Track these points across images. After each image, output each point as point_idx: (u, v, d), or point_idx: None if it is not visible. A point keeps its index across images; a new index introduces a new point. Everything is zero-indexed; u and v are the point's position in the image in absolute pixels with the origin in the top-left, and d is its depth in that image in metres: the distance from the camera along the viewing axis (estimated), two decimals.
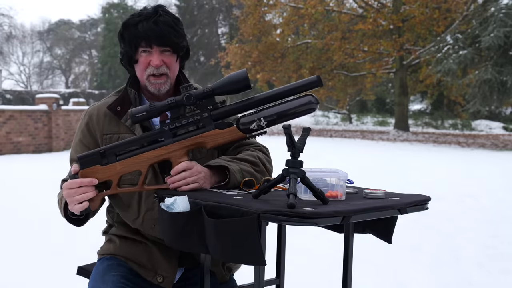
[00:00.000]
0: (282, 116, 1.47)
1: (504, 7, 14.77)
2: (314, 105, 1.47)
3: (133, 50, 1.70)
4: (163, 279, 1.75)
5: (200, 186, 1.56)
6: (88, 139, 1.77)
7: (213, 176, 1.61)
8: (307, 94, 1.49)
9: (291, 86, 1.49)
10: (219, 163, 1.62)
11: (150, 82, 1.72)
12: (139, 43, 1.68)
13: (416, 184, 8.02)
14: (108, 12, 37.61)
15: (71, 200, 1.55)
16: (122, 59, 1.76)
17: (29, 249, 4.39)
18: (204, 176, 1.58)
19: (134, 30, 1.68)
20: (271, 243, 1.93)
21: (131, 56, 1.72)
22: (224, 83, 1.50)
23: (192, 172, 1.55)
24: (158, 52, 1.69)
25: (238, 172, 1.61)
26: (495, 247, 4.60)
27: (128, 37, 1.69)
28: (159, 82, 1.71)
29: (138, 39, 1.67)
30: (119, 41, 1.74)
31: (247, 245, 1.29)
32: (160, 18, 1.68)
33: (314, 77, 1.47)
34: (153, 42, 1.68)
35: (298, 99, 1.47)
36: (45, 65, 47.22)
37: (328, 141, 17.92)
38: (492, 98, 15.75)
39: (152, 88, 1.72)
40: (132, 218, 1.76)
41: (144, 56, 1.69)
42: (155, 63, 1.68)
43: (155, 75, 1.70)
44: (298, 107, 1.46)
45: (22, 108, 13.42)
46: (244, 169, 1.64)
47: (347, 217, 1.30)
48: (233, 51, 23.04)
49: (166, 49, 1.70)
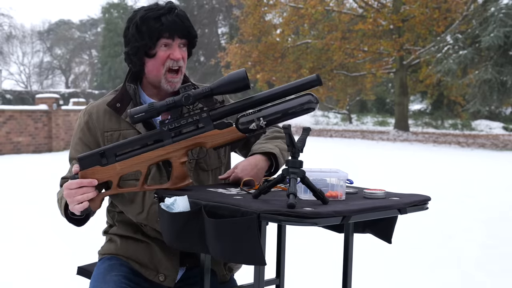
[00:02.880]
0: (281, 115, 1.47)
1: (504, 7, 14.77)
2: (314, 105, 1.47)
3: (153, 43, 1.69)
4: (165, 278, 1.75)
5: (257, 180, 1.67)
6: (89, 137, 1.76)
7: (263, 162, 1.71)
8: (306, 94, 1.48)
9: (291, 85, 1.49)
10: (263, 149, 1.71)
11: (167, 79, 1.72)
12: (162, 35, 1.68)
13: (416, 184, 8.02)
14: (108, 12, 37.61)
15: (71, 200, 1.55)
16: (135, 54, 1.71)
17: (29, 249, 4.39)
18: (256, 173, 1.68)
19: (156, 22, 1.67)
20: (271, 243, 1.93)
21: (147, 50, 1.70)
22: (223, 82, 1.50)
23: (243, 175, 1.66)
24: (177, 46, 1.71)
25: (280, 156, 1.73)
26: (495, 247, 4.60)
27: (149, 29, 1.68)
28: (176, 80, 1.72)
29: (162, 31, 1.67)
30: (132, 36, 1.70)
31: (247, 245, 1.29)
32: (180, 12, 1.71)
33: (313, 76, 1.47)
34: (176, 34, 1.69)
35: (298, 99, 1.47)
36: (45, 65, 47.21)
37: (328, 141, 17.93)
38: (492, 98, 15.75)
39: (168, 85, 1.72)
40: (135, 212, 1.75)
41: (164, 50, 1.70)
42: (177, 56, 1.70)
43: (172, 69, 1.71)
44: (298, 106, 1.46)
45: (22, 108, 13.42)
46: (280, 147, 1.75)
47: (347, 217, 1.30)
48: (233, 51, 23.04)
49: (183, 43, 1.73)
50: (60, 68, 47.58)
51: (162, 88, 1.73)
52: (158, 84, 1.73)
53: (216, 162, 1.80)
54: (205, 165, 1.78)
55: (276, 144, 1.76)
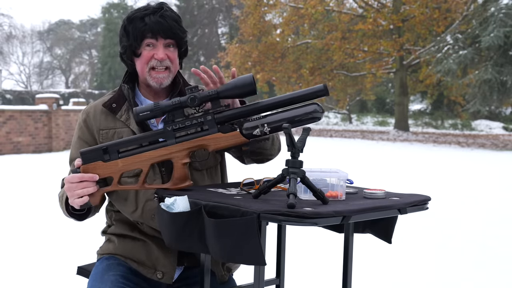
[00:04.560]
0: (286, 123, 1.47)
1: (504, 7, 14.78)
2: (319, 114, 1.47)
3: (138, 43, 1.72)
4: (163, 275, 1.75)
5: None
6: (87, 135, 1.80)
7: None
8: (312, 103, 1.49)
9: (297, 94, 1.50)
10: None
11: (151, 75, 1.73)
12: (145, 35, 1.70)
13: (416, 184, 8.03)
14: (108, 12, 37.65)
15: (71, 194, 1.56)
16: (124, 53, 1.77)
17: (29, 249, 4.39)
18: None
19: (140, 23, 1.70)
20: (271, 243, 1.93)
21: (134, 50, 1.74)
22: (229, 87, 1.51)
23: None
24: (162, 46, 1.72)
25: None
26: (495, 247, 4.60)
27: (134, 30, 1.71)
28: (161, 76, 1.73)
29: (145, 31, 1.70)
30: (122, 35, 1.76)
31: (247, 245, 1.29)
32: (166, 12, 1.72)
33: (320, 86, 1.47)
34: (159, 34, 1.70)
35: (303, 107, 1.47)
36: (45, 65, 47.24)
37: (328, 141, 17.93)
38: (492, 98, 15.76)
39: (154, 81, 1.74)
40: (130, 211, 1.76)
41: (148, 50, 1.72)
42: (160, 56, 1.71)
43: (156, 68, 1.72)
44: (303, 115, 1.46)
45: (22, 108, 13.42)
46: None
47: (347, 217, 1.30)
48: (233, 51, 23.05)
49: (170, 43, 1.73)
50: (60, 68, 47.60)
51: (151, 86, 1.76)
52: (147, 82, 1.76)
53: (210, 161, 1.80)
54: (199, 165, 1.78)
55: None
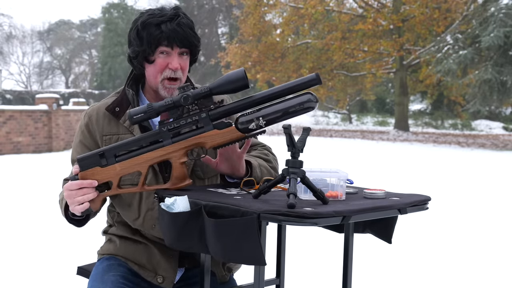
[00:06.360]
0: (281, 115, 1.46)
1: (504, 7, 14.78)
2: (314, 103, 1.45)
3: (152, 50, 1.68)
4: (163, 279, 1.75)
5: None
6: (89, 140, 1.77)
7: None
8: (306, 92, 1.47)
9: (290, 84, 1.48)
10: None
11: (165, 85, 1.71)
12: (161, 42, 1.67)
13: (416, 184, 8.03)
14: (108, 12, 37.60)
15: (72, 201, 1.55)
16: (135, 57, 1.72)
17: (29, 249, 4.39)
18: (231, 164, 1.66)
19: (156, 29, 1.66)
20: (271, 243, 1.93)
21: (146, 56, 1.70)
22: (222, 82, 1.49)
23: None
24: (177, 55, 1.69)
25: (258, 167, 1.69)
26: (495, 247, 4.60)
27: (148, 36, 1.67)
28: (174, 87, 1.71)
29: (161, 39, 1.66)
30: (133, 39, 1.71)
31: (247, 245, 1.29)
32: (183, 20, 1.68)
33: (313, 75, 1.45)
34: (175, 43, 1.67)
35: (297, 98, 1.45)
36: (45, 65, 47.21)
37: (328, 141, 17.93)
38: (492, 98, 15.76)
39: (165, 92, 1.71)
40: (132, 218, 1.76)
41: (162, 57, 1.69)
42: (175, 66, 1.68)
43: (170, 78, 1.70)
44: (297, 105, 1.45)
45: (22, 108, 13.41)
46: (262, 164, 1.72)
47: (347, 217, 1.30)
48: (233, 51, 23.05)
49: (184, 51, 1.71)
50: (60, 68, 47.57)
51: (161, 94, 1.73)
52: (157, 89, 1.74)
53: (213, 170, 1.79)
54: (201, 173, 1.77)
55: (258, 161, 1.74)
